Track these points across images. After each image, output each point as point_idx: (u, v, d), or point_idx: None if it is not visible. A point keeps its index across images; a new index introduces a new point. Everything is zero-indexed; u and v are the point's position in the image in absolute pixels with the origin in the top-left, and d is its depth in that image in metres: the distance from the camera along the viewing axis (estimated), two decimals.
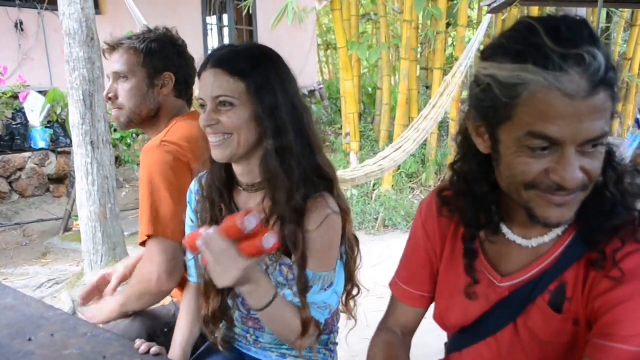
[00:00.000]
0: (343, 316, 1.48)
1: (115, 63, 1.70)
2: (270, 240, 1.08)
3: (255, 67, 1.21)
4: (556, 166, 0.87)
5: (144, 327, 1.66)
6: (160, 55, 1.70)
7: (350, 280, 1.39)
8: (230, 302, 1.38)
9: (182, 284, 1.69)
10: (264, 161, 1.23)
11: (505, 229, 1.05)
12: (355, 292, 1.42)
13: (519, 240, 1.04)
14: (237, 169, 1.31)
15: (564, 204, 0.91)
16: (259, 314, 1.22)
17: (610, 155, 0.95)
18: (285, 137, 1.21)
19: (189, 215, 1.43)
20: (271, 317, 1.22)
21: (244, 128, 1.21)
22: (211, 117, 1.21)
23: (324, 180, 1.27)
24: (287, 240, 1.22)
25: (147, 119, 1.74)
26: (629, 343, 0.89)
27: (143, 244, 1.55)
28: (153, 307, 1.78)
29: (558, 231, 1.01)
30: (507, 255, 1.05)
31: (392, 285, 1.26)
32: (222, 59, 1.21)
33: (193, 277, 1.47)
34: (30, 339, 1.20)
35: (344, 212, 1.28)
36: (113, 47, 1.70)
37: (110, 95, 1.71)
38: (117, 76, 1.70)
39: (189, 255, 1.44)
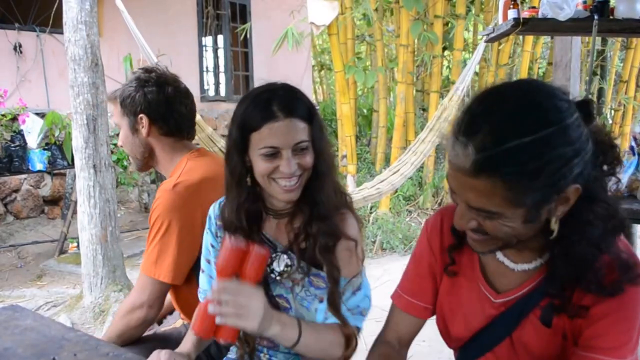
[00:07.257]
0: None
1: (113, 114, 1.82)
2: (260, 248, 1.14)
3: (313, 110, 1.32)
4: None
5: (155, 348, 1.67)
6: (130, 100, 1.73)
7: None
8: None
9: (189, 305, 1.71)
10: (319, 188, 1.31)
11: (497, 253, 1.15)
12: None
13: (506, 262, 1.14)
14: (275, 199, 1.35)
15: (478, 240, 1.05)
16: (297, 350, 1.26)
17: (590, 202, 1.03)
18: (333, 168, 1.35)
19: (209, 242, 1.45)
20: (307, 344, 1.25)
21: (311, 166, 1.30)
22: (295, 164, 1.25)
23: (343, 196, 1.38)
24: (321, 255, 1.28)
25: (147, 160, 1.81)
26: (610, 355, 1.01)
27: None
28: (164, 328, 1.79)
29: (541, 260, 1.10)
30: (502, 276, 1.15)
31: (395, 296, 1.32)
32: (291, 108, 1.26)
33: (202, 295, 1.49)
34: (54, 359, 1.21)
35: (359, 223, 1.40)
36: (111, 100, 1.81)
37: (119, 144, 1.83)
38: (117, 126, 1.81)
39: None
